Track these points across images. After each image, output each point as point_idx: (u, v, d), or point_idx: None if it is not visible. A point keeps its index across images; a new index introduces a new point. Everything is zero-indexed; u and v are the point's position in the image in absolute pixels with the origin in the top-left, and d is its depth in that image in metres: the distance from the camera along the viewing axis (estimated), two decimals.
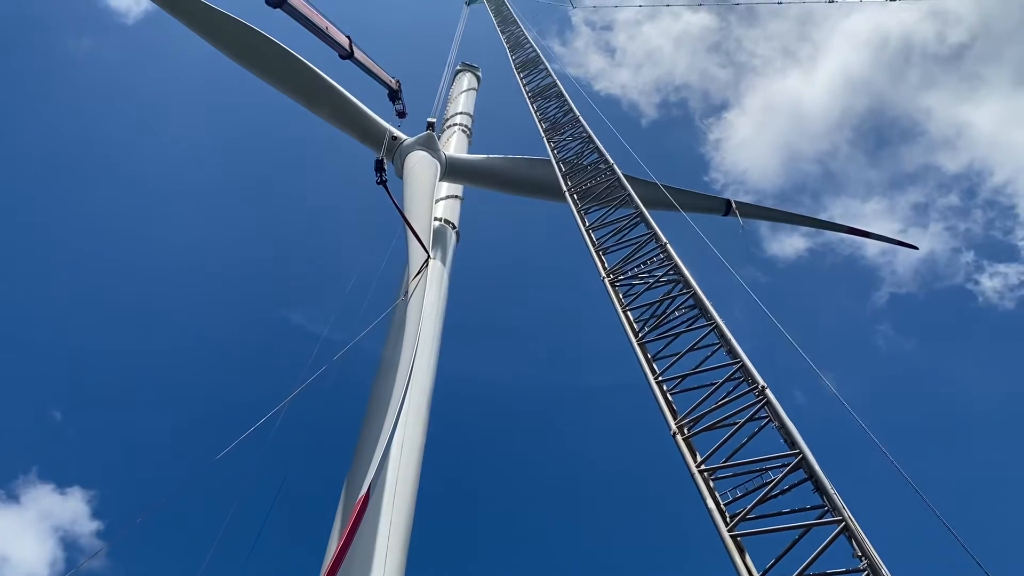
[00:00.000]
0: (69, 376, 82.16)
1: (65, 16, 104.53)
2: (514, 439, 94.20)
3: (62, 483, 76.86)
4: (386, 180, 29.50)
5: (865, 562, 17.12)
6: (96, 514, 76.70)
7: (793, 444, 20.20)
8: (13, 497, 74.43)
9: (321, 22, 42.50)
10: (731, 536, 18.67)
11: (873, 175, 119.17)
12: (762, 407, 21.60)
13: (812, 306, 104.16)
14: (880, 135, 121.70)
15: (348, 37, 45.36)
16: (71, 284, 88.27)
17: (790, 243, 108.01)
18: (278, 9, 39.06)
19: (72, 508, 76.32)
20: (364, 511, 14.79)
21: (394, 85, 48.19)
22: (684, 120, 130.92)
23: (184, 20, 39.49)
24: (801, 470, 19.54)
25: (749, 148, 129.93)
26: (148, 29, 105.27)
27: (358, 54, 45.77)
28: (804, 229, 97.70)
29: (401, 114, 45.73)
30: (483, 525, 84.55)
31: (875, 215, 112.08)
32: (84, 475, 77.97)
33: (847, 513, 18.07)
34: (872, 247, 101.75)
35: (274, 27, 40.31)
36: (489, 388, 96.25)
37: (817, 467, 19.31)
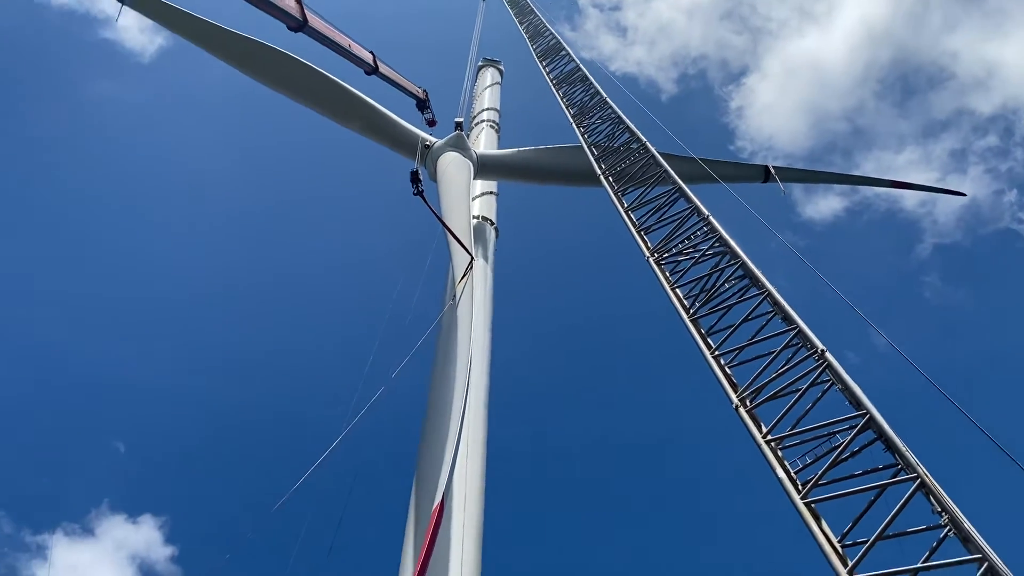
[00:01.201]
0: (125, 408, 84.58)
1: (82, 61, 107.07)
2: (573, 429, 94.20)
3: (133, 512, 79.44)
4: (423, 190, 29.56)
5: (946, 517, 16.81)
6: (169, 540, 79.26)
7: (859, 405, 19.91)
8: (88, 530, 77.22)
9: (344, 41, 42.95)
10: (805, 504, 18.50)
11: (904, 126, 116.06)
12: (823, 371, 21.32)
13: (855, 265, 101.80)
14: (907, 85, 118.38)
15: (371, 52, 45.77)
16: (110, 317, 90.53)
17: (826, 204, 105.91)
18: (300, 32, 39.53)
19: (145, 536, 78.92)
20: (440, 521, 14.91)
21: (421, 95, 48.49)
22: (704, 91, 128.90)
23: (216, 52, 40.34)
24: (870, 430, 19.25)
25: (773, 113, 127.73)
26: (165, 64, 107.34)
27: (383, 68, 46.15)
28: (839, 189, 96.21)
29: (431, 122, 45.99)
30: (551, 517, 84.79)
31: (911, 166, 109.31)
32: (153, 503, 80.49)
33: (921, 469, 17.75)
34: (910, 199, 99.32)
35: (298, 51, 40.94)
36: (544, 381, 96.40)
37: (886, 425, 19.02)
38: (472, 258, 27.20)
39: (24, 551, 73.04)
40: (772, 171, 45.77)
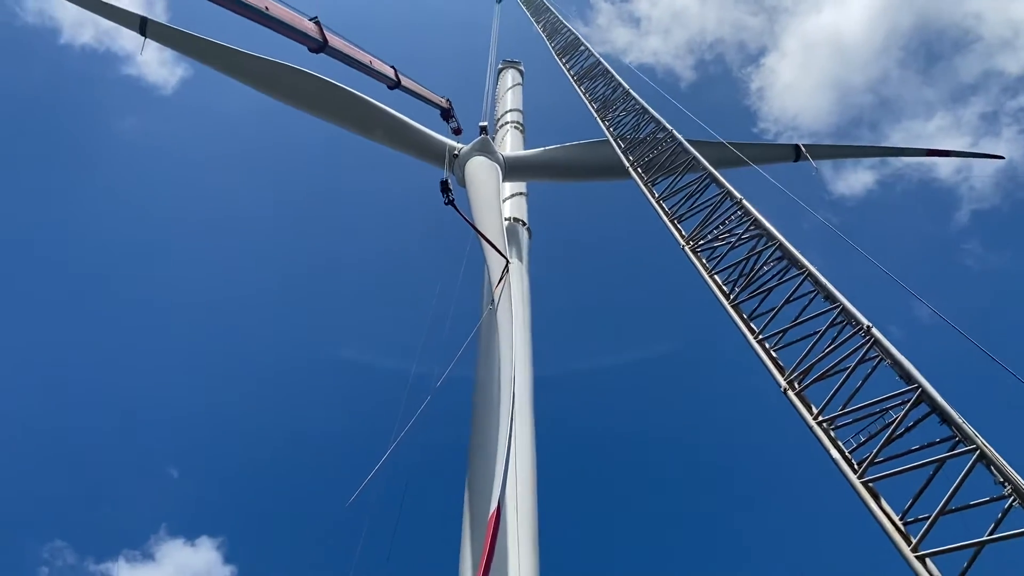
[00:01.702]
0: (175, 434, 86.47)
1: (107, 99, 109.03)
2: (619, 423, 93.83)
3: (190, 535, 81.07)
4: (453, 199, 29.61)
5: (1009, 487, 16.48)
6: (228, 559, 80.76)
7: (909, 379, 19.60)
8: (149, 556, 78.89)
9: (364, 58, 43.38)
10: (862, 483, 18.27)
11: (931, 93, 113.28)
12: (871, 347, 21.01)
13: (892, 238, 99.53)
14: (931, 51, 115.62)
15: (392, 67, 46.16)
16: (151, 346, 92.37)
17: (856, 179, 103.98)
18: (321, 53, 40.04)
19: (204, 557, 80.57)
20: (498, 527, 14.93)
21: (445, 104, 48.80)
22: (723, 76, 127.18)
23: (240, 77, 40.92)
24: (923, 404, 18.94)
25: (796, 91, 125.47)
26: (187, 94, 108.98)
27: (405, 81, 46.54)
28: (869, 163, 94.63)
29: (457, 131, 46.29)
30: (603, 514, 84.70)
31: (942, 133, 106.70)
32: (209, 525, 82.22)
33: (980, 440, 17.40)
34: (944, 167, 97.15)
35: (320, 71, 41.46)
36: (587, 377, 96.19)
37: (939, 398, 18.68)
38: (508, 261, 27.17)
39: None
40: (802, 149, 45.19)
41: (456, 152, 41.47)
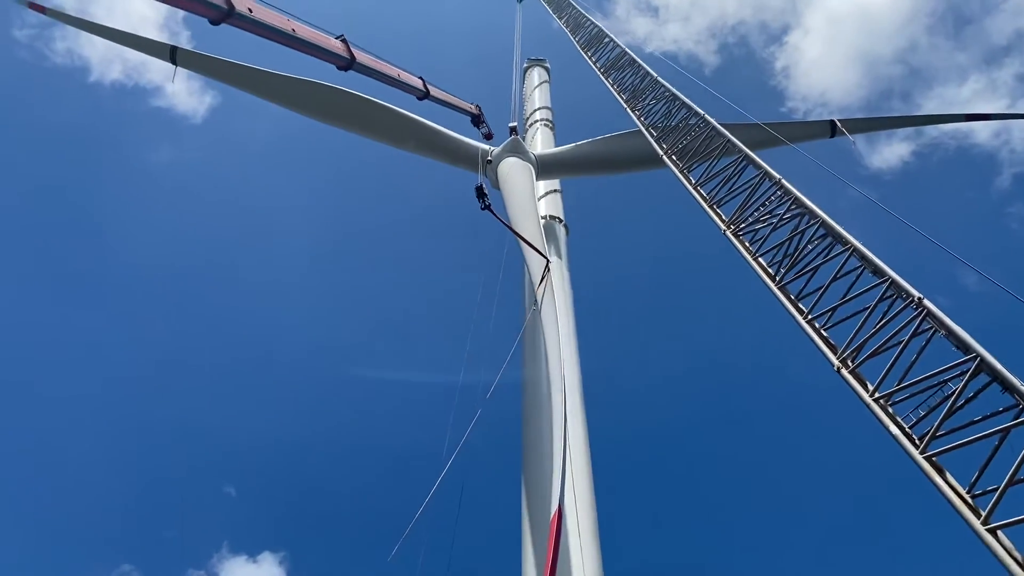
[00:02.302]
0: (228, 453, 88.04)
1: (139, 132, 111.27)
2: (669, 414, 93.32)
3: (252, 552, 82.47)
4: (489, 204, 29.65)
5: None
6: (291, 573, 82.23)
7: (967, 349, 19.16)
8: (213, 574, 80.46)
9: (392, 72, 43.70)
10: (925, 458, 17.92)
11: (963, 58, 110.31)
12: (923, 319, 20.60)
13: (932, 207, 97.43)
14: (959, 15, 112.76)
15: (421, 78, 46.42)
16: (200, 370, 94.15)
17: (891, 152, 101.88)
18: (349, 71, 40.44)
19: (267, 572, 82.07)
20: (560, 528, 14.87)
21: (474, 111, 48.93)
22: (748, 57, 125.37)
23: (271, 97, 41.64)
24: (983, 374, 18.52)
25: (822, 67, 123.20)
26: (217, 121, 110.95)
27: (434, 92, 46.76)
28: (903, 135, 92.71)
29: (488, 136, 46.38)
30: (659, 508, 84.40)
31: (977, 97, 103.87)
32: (269, 541, 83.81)
33: None
34: (982, 132, 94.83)
35: (349, 86, 41.91)
36: (635, 373, 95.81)
37: (999, 365, 18.23)
38: (548, 261, 27.10)
39: None
40: (838, 124, 44.40)
41: (489, 157, 41.60)
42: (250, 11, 32.30)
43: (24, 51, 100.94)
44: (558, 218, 42.70)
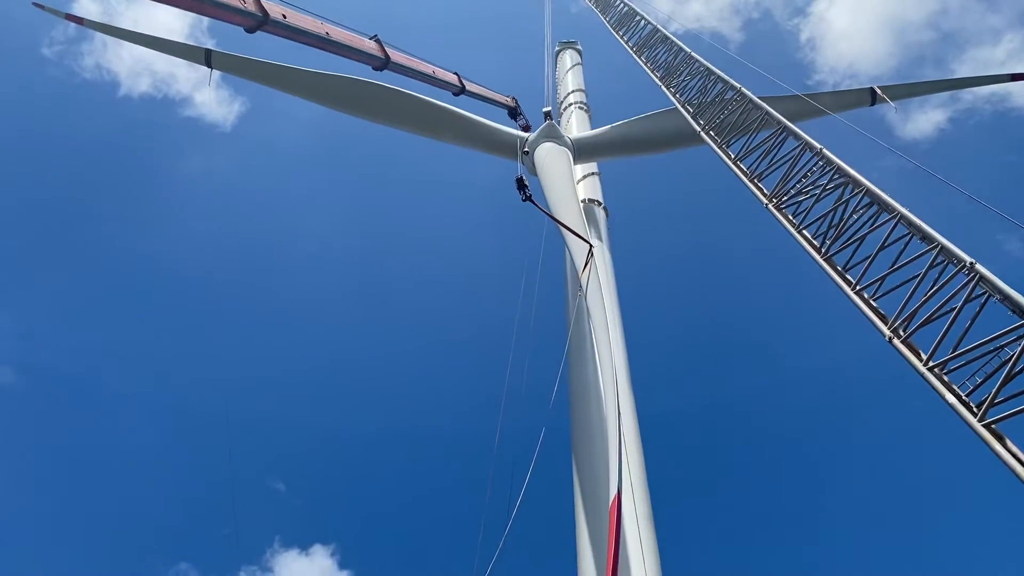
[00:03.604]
0: (275, 449, 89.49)
1: (170, 142, 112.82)
2: (714, 398, 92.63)
3: (303, 545, 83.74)
4: (531, 195, 29.60)
5: None
6: (343, 565, 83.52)
7: (1023, 312, 18.77)
8: (267, 569, 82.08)
9: (427, 69, 43.91)
10: (984, 426, 17.63)
11: (996, 20, 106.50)
12: (976, 284, 20.18)
13: (971, 172, 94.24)
14: None
15: (456, 74, 46.56)
16: (239, 363, 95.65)
17: (926, 119, 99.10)
18: (385, 70, 40.74)
19: (320, 564, 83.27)
20: (621, 515, 14.84)
21: (511, 103, 48.97)
22: (773, 32, 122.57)
23: (307, 95, 42.06)
24: None
25: (850, 37, 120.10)
26: (247, 126, 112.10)
27: (469, 86, 46.89)
28: (938, 101, 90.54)
29: (526, 128, 46.47)
30: (711, 489, 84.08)
31: (1012, 58, 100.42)
32: (320, 533, 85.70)
33: None
34: (1018, 95, 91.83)
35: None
36: (677, 351, 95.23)
37: None
38: (591, 246, 26.99)
39: None
40: (879, 91, 43.43)
41: (526, 147, 41.58)
42: (284, 17, 32.72)
43: (54, 68, 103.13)
44: (597, 201, 42.56)
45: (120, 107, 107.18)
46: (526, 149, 40.80)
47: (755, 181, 30.37)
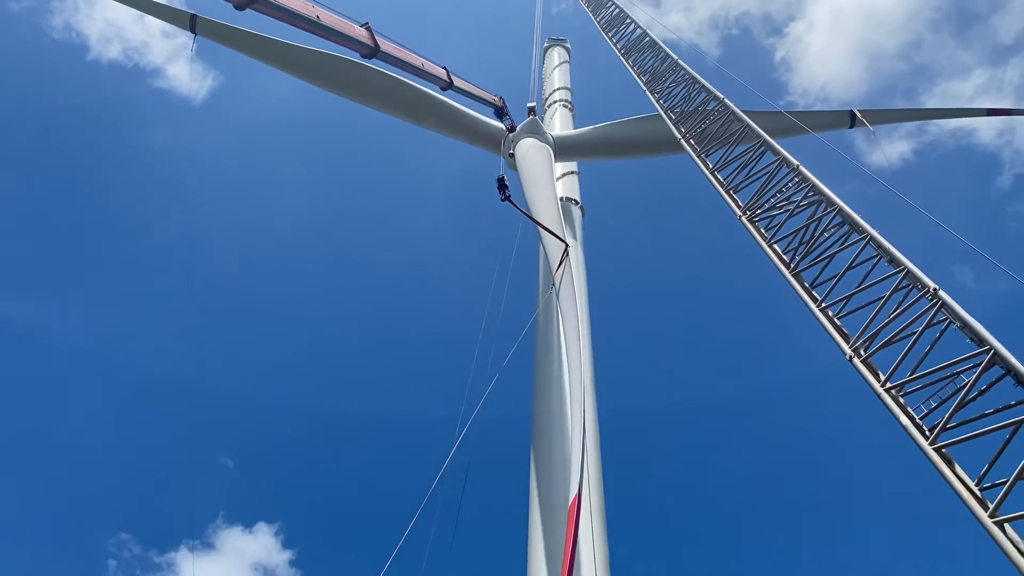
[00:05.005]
0: (225, 425, 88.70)
1: (135, 114, 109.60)
2: (677, 397, 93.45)
3: (247, 523, 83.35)
4: (510, 195, 29.46)
5: None
6: (286, 544, 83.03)
7: (981, 341, 19.09)
8: (209, 544, 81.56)
9: (416, 60, 43.58)
10: (934, 449, 17.94)
11: (967, 57, 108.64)
12: (938, 310, 20.53)
13: (932, 205, 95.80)
14: (964, 12, 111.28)
15: (444, 68, 46.29)
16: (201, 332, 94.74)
17: (891, 149, 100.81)
18: (374, 59, 40.38)
19: (262, 543, 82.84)
20: (579, 514, 14.72)
21: (498, 102, 48.74)
22: (749, 48, 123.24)
23: (290, 70, 41.49)
24: (996, 367, 18.46)
25: (824, 60, 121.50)
26: (218, 103, 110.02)
27: (457, 82, 46.61)
28: (905, 131, 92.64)
29: (511, 129, 46.41)
30: (662, 488, 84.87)
31: (980, 95, 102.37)
32: (265, 511, 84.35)
33: None
34: (985, 132, 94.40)
35: None
36: (642, 350, 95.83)
37: (1013, 359, 18.17)
38: (567, 245, 26.93)
39: (155, 571, 77.82)
40: (858, 115, 43.97)
41: (511, 149, 41.44)
42: None
43: (22, 25, 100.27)
44: (575, 200, 42.61)
45: (88, 71, 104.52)
46: (511, 152, 40.67)
47: (731, 192, 30.60)
